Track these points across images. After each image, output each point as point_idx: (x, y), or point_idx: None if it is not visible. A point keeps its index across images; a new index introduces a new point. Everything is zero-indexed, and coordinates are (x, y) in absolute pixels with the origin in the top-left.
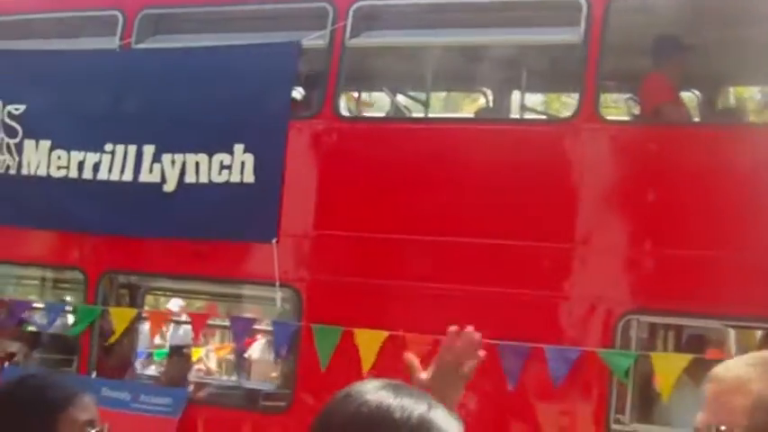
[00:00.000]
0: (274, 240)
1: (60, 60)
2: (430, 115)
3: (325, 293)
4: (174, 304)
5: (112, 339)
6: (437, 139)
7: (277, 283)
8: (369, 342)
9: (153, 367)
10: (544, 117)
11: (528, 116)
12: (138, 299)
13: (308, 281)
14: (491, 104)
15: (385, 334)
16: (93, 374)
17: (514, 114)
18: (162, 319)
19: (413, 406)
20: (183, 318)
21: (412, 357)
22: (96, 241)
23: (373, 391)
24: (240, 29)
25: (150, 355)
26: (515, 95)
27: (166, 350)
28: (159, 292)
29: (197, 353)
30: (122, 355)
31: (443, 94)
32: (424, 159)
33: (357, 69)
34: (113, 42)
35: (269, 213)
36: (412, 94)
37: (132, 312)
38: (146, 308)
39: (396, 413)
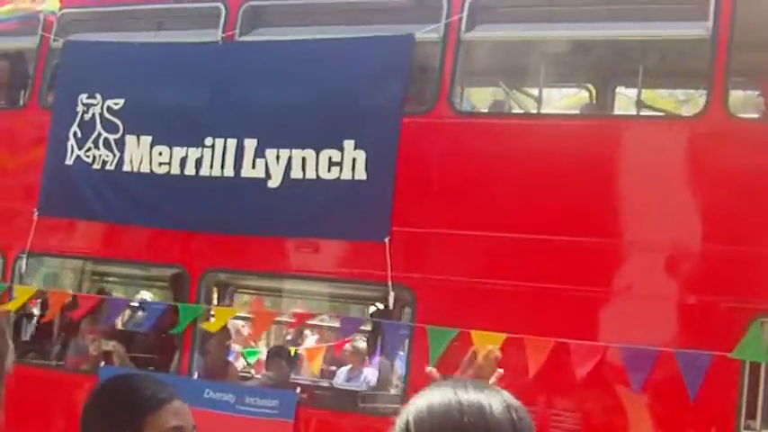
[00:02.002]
0: (387, 239)
1: (161, 53)
2: (551, 111)
3: (439, 293)
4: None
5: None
6: (554, 135)
7: (389, 283)
8: (485, 344)
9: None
10: (662, 114)
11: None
12: (226, 297)
13: (422, 280)
14: (609, 100)
15: (503, 336)
16: (196, 375)
17: (628, 111)
18: (268, 319)
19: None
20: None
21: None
22: (199, 239)
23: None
24: (345, 21)
25: (241, 356)
26: (632, 92)
27: (256, 350)
28: (249, 291)
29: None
30: (216, 355)
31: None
32: (543, 156)
33: (472, 63)
34: (216, 35)
35: (381, 211)
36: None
37: (233, 311)
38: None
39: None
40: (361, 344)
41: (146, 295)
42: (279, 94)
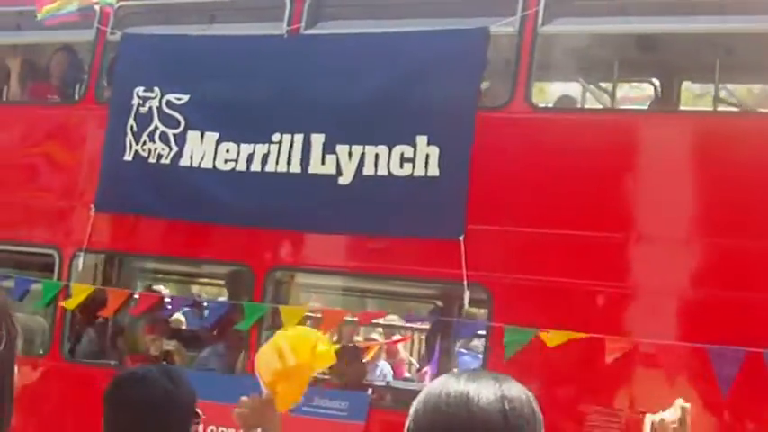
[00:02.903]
0: (461, 237)
1: (225, 47)
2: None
3: (516, 292)
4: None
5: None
6: (631, 130)
7: (464, 282)
8: (559, 341)
9: None
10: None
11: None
12: (281, 295)
13: (498, 279)
14: (675, 95)
15: (578, 335)
16: None
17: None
18: (337, 318)
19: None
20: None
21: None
22: (265, 236)
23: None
24: (414, 14)
25: None
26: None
27: None
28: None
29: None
30: None
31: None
32: (621, 152)
33: (548, 58)
34: (280, 28)
35: (456, 208)
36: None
37: (303, 310)
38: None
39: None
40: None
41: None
42: (348, 89)
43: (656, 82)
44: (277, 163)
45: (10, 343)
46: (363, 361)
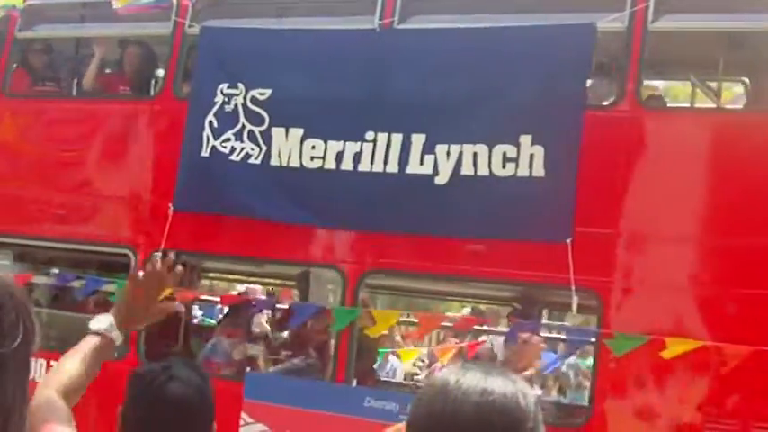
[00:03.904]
0: (569, 240)
1: (312, 41)
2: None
3: (627, 297)
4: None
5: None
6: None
7: (572, 287)
8: (677, 352)
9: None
10: None
11: None
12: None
13: (608, 283)
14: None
15: (696, 343)
16: (354, 383)
17: None
18: (434, 323)
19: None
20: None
21: None
22: (356, 238)
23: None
24: (513, 9)
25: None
26: None
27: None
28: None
29: (409, 354)
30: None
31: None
32: (734, 153)
33: (657, 55)
34: (372, 22)
35: (563, 211)
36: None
37: (396, 315)
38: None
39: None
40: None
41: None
42: (446, 86)
43: (746, 80)
44: (372, 162)
45: (26, 338)
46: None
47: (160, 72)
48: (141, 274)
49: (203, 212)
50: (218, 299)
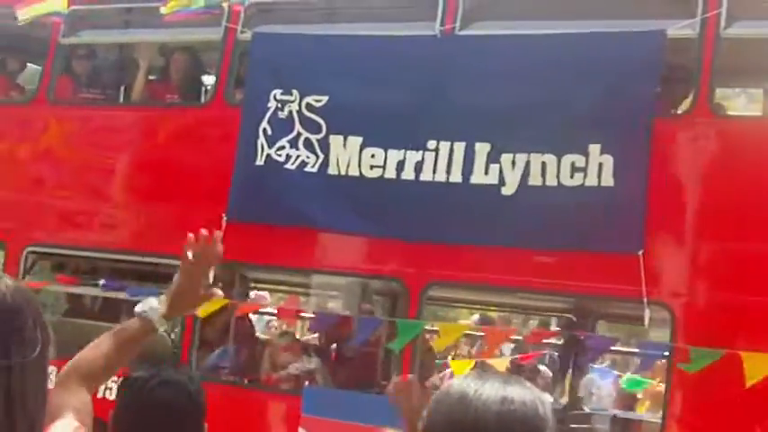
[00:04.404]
0: (641, 252)
1: (371, 47)
2: None
3: (703, 311)
4: None
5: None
6: None
7: (644, 300)
8: (757, 367)
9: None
10: None
11: None
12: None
13: (681, 296)
14: None
15: None
16: None
17: None
18: (501, 337)
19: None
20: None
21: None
22: (419, 249)
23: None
24: (579, 15)
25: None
26: None
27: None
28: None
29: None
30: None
31: None
32: None
33: (729, 63)
34: (433, 28)
35: (633, 221)
36: None
37: (462, 328)
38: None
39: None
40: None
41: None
42: (511, 94)
43: None
44: (434, 172)
45: (44, 349)
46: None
47: (206, 79)
48: (191, 253)
49: (258, 222)
50: (274, 311)
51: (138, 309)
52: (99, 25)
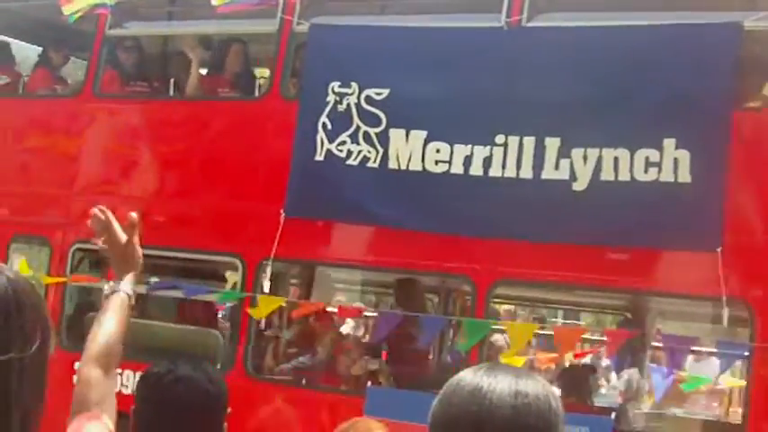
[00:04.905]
0: (719, 249)
1: (434, 39)
2: None
3: None
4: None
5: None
6: None
7: (723, 299)
8: None
9: None
10: None
11: None
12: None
13: (763, 295)
14: None
15: None
16: None
17: None
18: (574, 337)
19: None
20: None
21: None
22: (487, 246)
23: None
24: (649, 7)
25: None
26: None
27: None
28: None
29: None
30: None
31: None
32: None
33: None
34: (498, 19)
35: (711, 218)
36: None
37: (533, 328)
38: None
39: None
40: None
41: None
42: (581, 87)
43: None
44: (503, 167)
45: (44, 344)
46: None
47: (257, 72)
48: (100, 243)
49: (316, 219)
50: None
51: (120, 287)
52: (145, 17)
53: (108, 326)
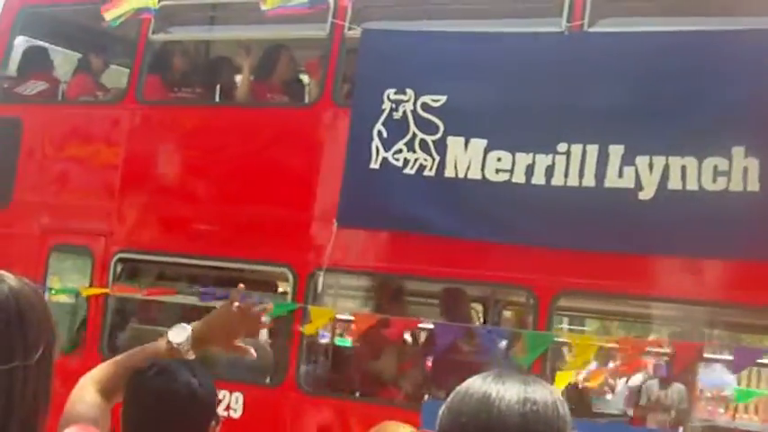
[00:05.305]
0: None
1: (492, 45)
2: None
3: None
4: None
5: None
6: None
7: None
8: None
9: None
10: None
11: None
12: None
13: None
14: None
15: None
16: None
17: None
18: (640, 348)
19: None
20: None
21: None
22: (549, 257)
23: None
24: (715, 12)
25: None
26: None
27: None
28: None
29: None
30: None
31: None
32: None
33: None
34: (559, 24)
35: None
36: None
37: (600, 340)
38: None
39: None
40: None
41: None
42: (646, 94)
43: None
44: (566, 176)
45: (48, 351)
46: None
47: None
48: (236, 305)
49: (370, 228)
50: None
51: (171, 337)
52: (187, 21)
53: (129, 362)
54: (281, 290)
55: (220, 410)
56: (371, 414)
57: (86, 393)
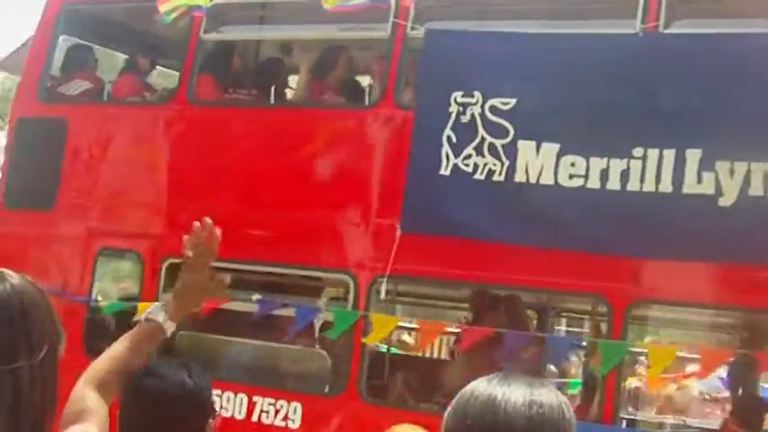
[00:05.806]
0: None
1: (563, 47)
2: None
3: None
4: None
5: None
6: None
7: None
8: None
9: None
10: None
11: None
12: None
13: None
14: None
15: None
16: (623, 425)
17: None
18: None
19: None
20: None
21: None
22: (623, 264)
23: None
24: None
25: None
26: None
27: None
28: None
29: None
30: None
31: None
32: None
33: None
34: (633, 25)
35: None
36: None
37: (675, 350)
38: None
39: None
40: None
41: None
42: (726, 98)
43: None
44: (642, 181)
45: (53, 347)
46: None
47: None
48: (190, 251)
49: (436, 235)
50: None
51: (148, 314)
52: (238, 20)
53: (116, 350)
54: (331, 296)
55: (278, 421)
56: (437, 425)
57: (87, 389)
